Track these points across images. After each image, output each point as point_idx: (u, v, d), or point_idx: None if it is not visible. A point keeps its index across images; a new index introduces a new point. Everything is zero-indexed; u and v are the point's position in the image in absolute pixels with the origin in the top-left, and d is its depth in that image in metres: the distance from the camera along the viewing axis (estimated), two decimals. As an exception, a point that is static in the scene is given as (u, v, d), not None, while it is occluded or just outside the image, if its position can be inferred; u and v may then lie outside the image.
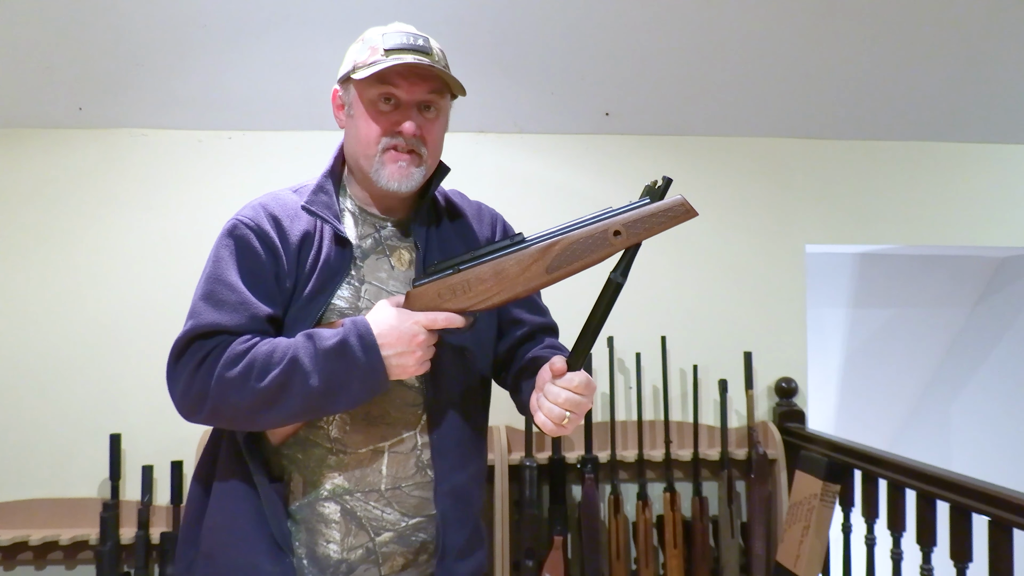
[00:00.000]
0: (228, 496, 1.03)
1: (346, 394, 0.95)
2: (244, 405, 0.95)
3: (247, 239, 1.04)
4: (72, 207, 2.11)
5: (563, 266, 0.95)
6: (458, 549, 1.06)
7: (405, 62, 1.01)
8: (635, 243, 0.93)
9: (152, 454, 2.06)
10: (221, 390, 0.95)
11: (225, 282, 1.01)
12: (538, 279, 0.96)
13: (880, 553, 1.85)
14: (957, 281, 3.21)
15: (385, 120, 1.05)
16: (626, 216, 0.93)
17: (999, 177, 2.48)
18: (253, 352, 0.95)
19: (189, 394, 0.97)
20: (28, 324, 2.08)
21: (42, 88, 2.03)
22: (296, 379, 0.93)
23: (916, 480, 1.71)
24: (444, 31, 2.01)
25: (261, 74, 2.06)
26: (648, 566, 2.08)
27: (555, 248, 0.94)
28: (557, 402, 0.95)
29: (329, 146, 2.21)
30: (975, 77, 2.25)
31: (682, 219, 0.92)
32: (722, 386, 2.21)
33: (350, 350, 0.94)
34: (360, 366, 0.94)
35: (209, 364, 0.96)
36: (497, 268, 0.96)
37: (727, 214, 2.34)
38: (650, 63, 2.13)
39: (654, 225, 0.93)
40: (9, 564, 2.02)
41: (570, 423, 0.96)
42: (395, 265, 1.10)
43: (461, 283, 0.97)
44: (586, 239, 0.94)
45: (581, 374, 0.96)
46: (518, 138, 2.26)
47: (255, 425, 0.99)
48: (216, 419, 0.99)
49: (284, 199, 1.10)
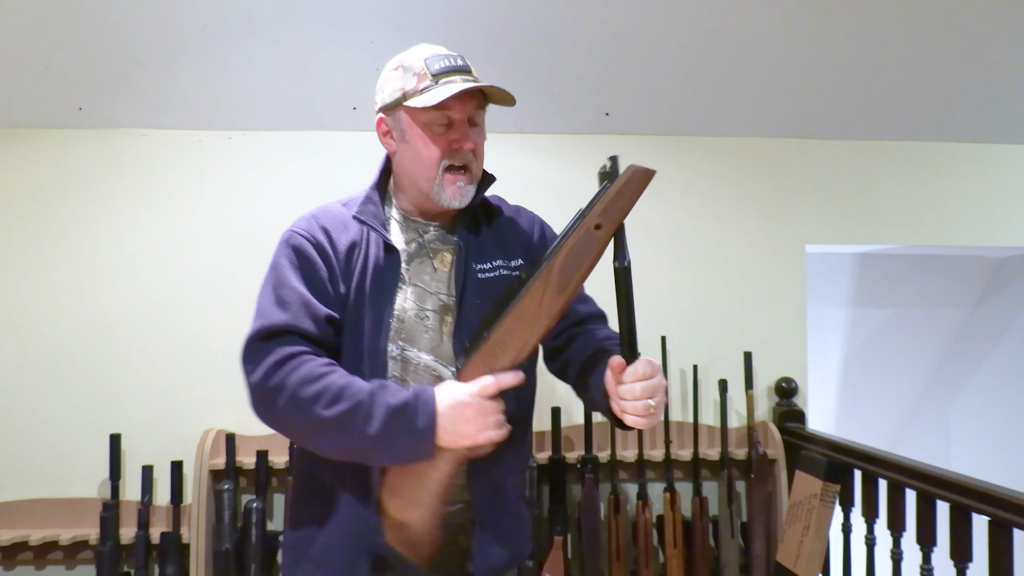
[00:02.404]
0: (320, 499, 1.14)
1: (393, 451, 1.01)
2: (304, 424, 1.02)
3: (303, 248, 1.13)
4: (72, 207, 2.11)
5: (570, 280, 0.97)
6: (494, 535, 1.13)
7: (462, 88, 1.08)
8: (617, 227, 0.96)
9: (152, 454, 2.06)
10: (293, 402, 1.01)
11: (287, 286, 1.09)
12: (556, 303, 0.98)
13: (880, 553, 1.85)
14: (957, 281, 3.21)
15: (443, 141, 1.12)
16: (597, 208, 0.96)
17: (999, 177, 2.47)
18: (330, 379, 1.02)
19: (262, 391, 1.04)
20: (28, 324, 2.08)
21: (42, 88, 2.03)
22: (357, 420, 1.00)
23: (916, 480, 1.70)
24: (444, 31, 2.01)
25: (261, 74, 2.05)
26: (648, 566, 2.08)
27: (554, 269, 0.97)
28: (635, 396, 0.98)
29: (329, 146, 2.23)
30: (975, 77, 2.25)
31: (645, 182, 0.96)
32: (722, 386, 2.21)
33: (411, 413, 1.00)
34: (415, 431, 1.00)
35: (287, 370, 1.03)
36: (517, 314, 1.00)
37: (727, 214, 2.34)
38: (650, 63, 2.13)
39: (625, 202, 0.95)
40: (9, 564, 2.02)
41: (657, 408, 0.99)
42: (437, 267, 1.17)
43: (496, 344, 1.02)
44: (576, 247, 0.97)
45: (640, 361, 0.98)
46: (518, 138, 2.26)
47: (306, 444, 1.07)
48: (280, 424, 1.05)
49: (334, 211, 1.19)
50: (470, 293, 1.15)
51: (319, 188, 2.18)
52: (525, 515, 1.25)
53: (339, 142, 2.19)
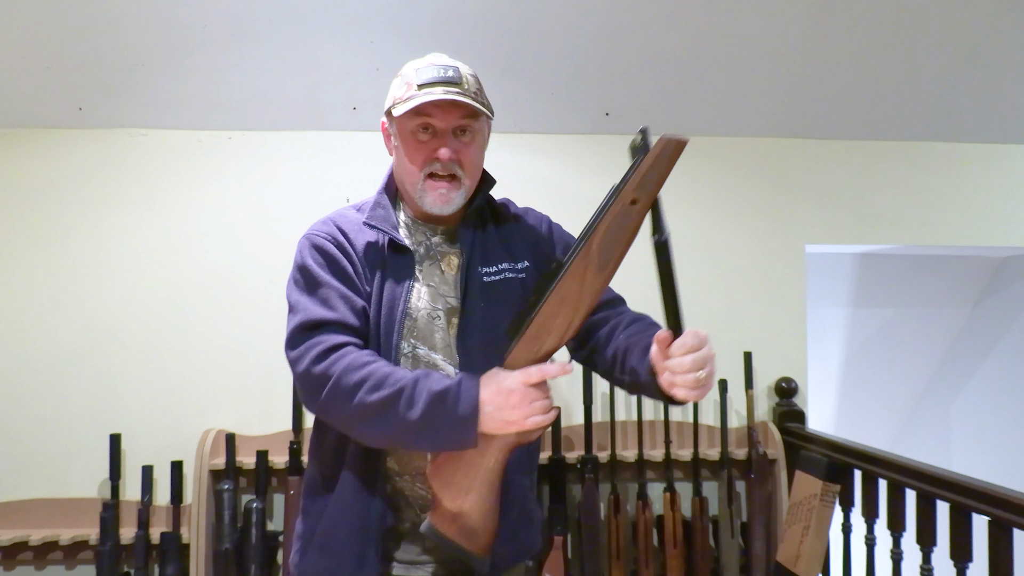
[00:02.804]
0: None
1: (436, 437, 1.02)
2: (350, 410, 1.03)
3: (326, 247, 1.15)
4: (72, 207, 2.11)
5: (610, 258, 0.96)
6: (502, 534, 1.12)
7: (436, 98, 1.09)
8: (653, 199, 0.95)
9: (152, 454, 2.06)
10: (339, 389, 1.03)
11: (322, 282, 1.12)
12: (597, 282, 0.98)
13: (880, 553, 1.85)
14: (957, 281, 3.21)
15: (424, 148, 1.14)
16: (632, 182, 0.94)
17: (999, 177, 2.47)
18: (374, 367, 1.04)
19: (310, 379, 1.06)
20: (28, 324, 2.08)
21: (42, 88, 2.03)
22: (400, 406, 1.01)
23: (916, 480, 1.70)
24: (444, 31, 2.01)
25: (261, 74, 2.05)
26: (648, 566, 2.08)
27: (593, 247, 0.96)
28: (685, 369, 0.96)
29: (330, 146, 2.23)
30: (975, 77, 2.26)
31: (678, 152, 0.94)
32: (722, 386, 2.21)
33: (452, 399, 1.01)
34: (456, 417, 1.01)
35: (333, 359, 1.05)
36: (560, 296, 0.99)
37: (727, 214, 2.34)
38: (650, 63, 2.13)
39: (659, 174, 0.94)
40: (9, 564, 2.02)
41: (708, 379, 0.97)
42: (444, 270, 1.19)
43: (540, 329, 1.01)
44: (613, 223, 0.95)
45: (688, 333, 0.97)
46: (518, 138, 2.26)
47: (352, 431, 1.07)
48: (327, 411, 1.07)
49: (348, 216, 1.22)
50: (473, 296, 1.16)
51: (319, 188, 2.18)
52: (535, 515, 1.25)
53: (339, 142, 2.19)
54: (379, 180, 1.25)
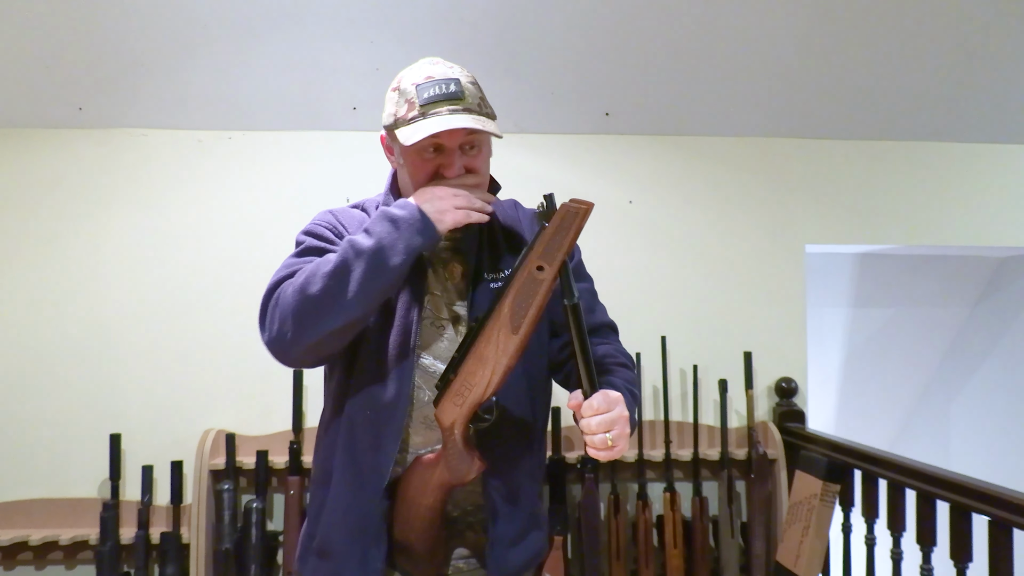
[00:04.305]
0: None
1: (401, 244, 1.03)
2: (312, 306, 1.01)
3: (325, 234, 1.15)
4: (72, 207, 2.11)
5: (522, 322, 0.99)
6: (509, 538, 1.13)
7: (444, 128, 1.06)
8: (560, 265, 0.98)
9: (152, 454, 2.06)
10: (290, 303, 1.03)
11: (303, 251, 1.13)
12: (513, 343, 1.00)
13: (880, 553, 1.85)
14: (957, 281, 3.21)
15: (432, 166, 1.12)
16: (536, 249, 0.98)
17: (999, 177, 2.47)
18: (305, 266, 1.06)
19: (271, 326, 1.05)
20: (28, 324, 2.08)
21: (42, 88, 2.03)
22: (352, 251, 1.02)
23: (916, 480, 1.70)
24: (444, 31, 2.01)
25: (261, 74, 2.06)
26: (648, 566, 2.08)
27: (504, 311, 1.00)
28: (591, 430, 0.97)
29: (329, 146, 2.23)
30: (975, 77, 2.25)
31: (583, 218, 0.98)
32: (722, 386, 2.21)
33: (390, 212, 1.06)
34: (404, 218, 1.05)
35: (280, 291, 1.06)
36: (477, 356, 1.02)
37: (727, 214, 2.34)
38: (650, 63, 2.13)
39: (563, 241, 0.98)
40: (9, 564, 2.02)
41: (616, 441, 0.97)
42: (447, 277, 1.17)
43: (461, 385, 1.03)
44: (521, 290, 0.99)
45: (596, 395, 0.98)
46: (518, 138, 2.26)
47: (331, 325, 1.02)
48: (296, 331, 1.03)
49: (350, 212, 1.22)
50: (480, 303, 1.14)
51: (319, 188, 2.18)
52: (542, 519, 1.25)
53: (339, 142, 2.19)
54: (379, 180, 1.25)
